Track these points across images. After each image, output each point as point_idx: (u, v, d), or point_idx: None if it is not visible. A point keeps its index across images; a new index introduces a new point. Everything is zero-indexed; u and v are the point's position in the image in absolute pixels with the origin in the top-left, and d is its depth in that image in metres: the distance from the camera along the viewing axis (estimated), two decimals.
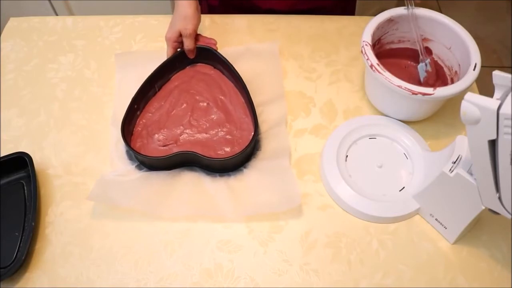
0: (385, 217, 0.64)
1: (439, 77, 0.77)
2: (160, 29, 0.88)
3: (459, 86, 0.64)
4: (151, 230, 0.64)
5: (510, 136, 0.43)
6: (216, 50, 0.76)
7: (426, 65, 0.74)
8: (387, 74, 0.65)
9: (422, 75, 0.74)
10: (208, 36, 0.78)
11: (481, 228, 0.64)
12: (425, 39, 0.76)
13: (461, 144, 0.58)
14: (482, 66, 0.65)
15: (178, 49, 0.76)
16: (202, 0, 0.87)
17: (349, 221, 0.65)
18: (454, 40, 0.71)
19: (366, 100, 0.78)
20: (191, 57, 0.76)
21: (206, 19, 0.90)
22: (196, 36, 0.77)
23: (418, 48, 0.73)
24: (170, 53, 0.76)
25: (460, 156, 0.56)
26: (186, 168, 0.69)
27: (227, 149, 0.69)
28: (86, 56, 0.85)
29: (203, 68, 0.79)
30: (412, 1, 0.71)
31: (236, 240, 0.63)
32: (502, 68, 1.87)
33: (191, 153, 0.66)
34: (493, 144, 0.46)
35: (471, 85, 0.64)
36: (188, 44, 0.74)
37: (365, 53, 0.68)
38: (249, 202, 0.65)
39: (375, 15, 0.73)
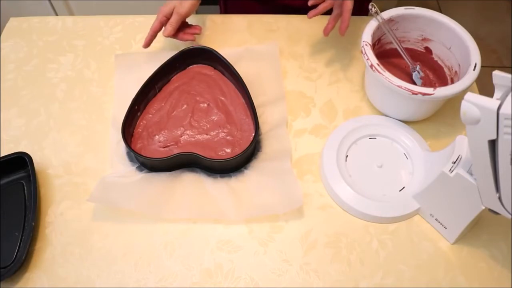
0: (385, 217, 0.64)
1: (439, 77, 0.77)
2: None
3: (459, 86, 0.64)
4: (151, 230, 0.64)
5: (510, 136, 0.43)
6: (216, 51, 0.76)
7: (418, 72, 0.74)
8: (387, 74, 0.65)
9: (419, 82, 0.74)
10: (208, 36, 0.78)
11: (481, 228, 0.64)
12: (425, 39, 0.76)
13: (461, 144, 0.58)
14: (482, 66, 0.65)
15: (179, 51, 0.76)
16: None
17: (349, 221, 0.65)
18: (454, 40, 0.71)
19: (366, 100, 0.78)
20: (166, 34, 0.76)
21: (206, 19, 0.90)
22: (183, 23, 0.78)
23: (404, 57, 0.73)
24: (156, 26, 0.77)
25: (460, 156, 0.57)
26: (187, 169, 0.69)
27: (228, 150, 0.69)
28: (86, 56, 0.85)
29: (204, 69, 0.79)
30: (378, 11, 0.70)
31: (236, 240, 0.63)
32: (502, 68, 1.87)
33: (192, 154, 0.66)
34: (493, 144, 0.46)
35: (471, 85, 0.64)
36: (173, 21, 0.75)
37: (365, 53, 0.68)
38: (250, 203, 0.65)
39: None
